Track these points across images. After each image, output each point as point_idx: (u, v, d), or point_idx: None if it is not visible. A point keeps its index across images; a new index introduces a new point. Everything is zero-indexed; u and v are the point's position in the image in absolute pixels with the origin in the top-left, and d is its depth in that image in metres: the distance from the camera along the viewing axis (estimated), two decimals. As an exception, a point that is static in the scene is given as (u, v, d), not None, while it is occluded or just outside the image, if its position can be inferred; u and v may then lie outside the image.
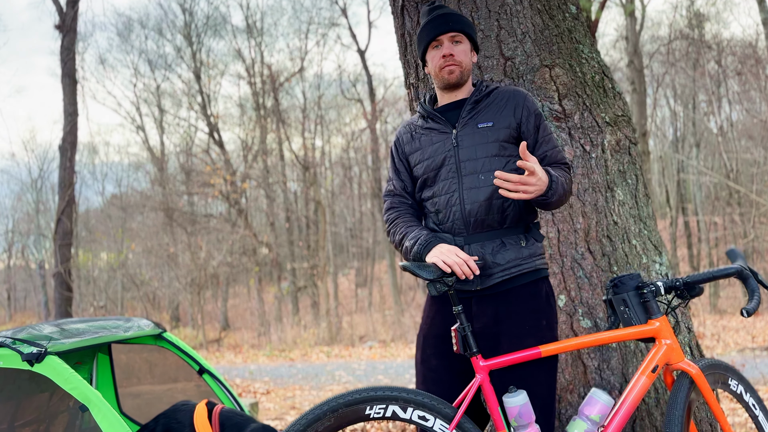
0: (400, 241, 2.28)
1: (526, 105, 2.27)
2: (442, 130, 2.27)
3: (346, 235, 30.15)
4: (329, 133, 25.49)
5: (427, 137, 2.30)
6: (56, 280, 12.66)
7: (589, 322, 2.90)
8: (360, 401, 2.02)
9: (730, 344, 10.58)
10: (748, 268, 2.27)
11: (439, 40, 2.27)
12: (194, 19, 23.71)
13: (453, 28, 2.26)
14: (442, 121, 2.28)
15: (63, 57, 13.00)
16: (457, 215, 2.19)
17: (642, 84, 17.22)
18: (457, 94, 2.31)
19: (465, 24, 2.30)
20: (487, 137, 2.21)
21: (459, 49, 2.26)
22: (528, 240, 2.22)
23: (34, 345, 2.44)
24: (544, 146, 2.25)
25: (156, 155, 25.27)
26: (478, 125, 2.23)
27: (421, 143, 2.31)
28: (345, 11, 22.77)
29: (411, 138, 2.35)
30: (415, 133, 2.35)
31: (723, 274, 2.25)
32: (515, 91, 2.30)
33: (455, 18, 2.28)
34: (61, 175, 12.91)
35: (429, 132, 2.31)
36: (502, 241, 2.19)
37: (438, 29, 2.27)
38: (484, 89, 2.30)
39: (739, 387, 2.36)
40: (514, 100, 2.27)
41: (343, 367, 10.75)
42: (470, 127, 2.24)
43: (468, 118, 2.25)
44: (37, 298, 30.46)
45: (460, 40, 2.27)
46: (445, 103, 2.33)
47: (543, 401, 2.17)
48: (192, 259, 19.27)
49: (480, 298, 2.19)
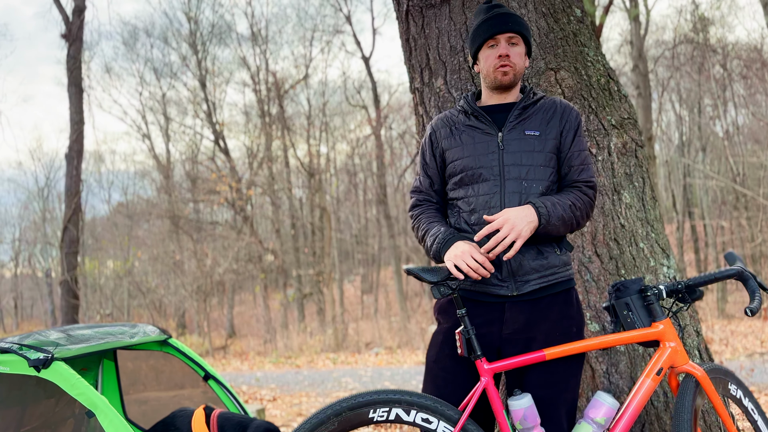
0: (422, 237, 2.27)
1: (570, 120, 2.25)
2: (487, 130, 2.23)
3: (352, 242, 30.15)
4: (334, 140, 25.54)
5: (468, 135, 2.26)
6: (63, 288, 12.69)
7: (596, 326, 2.89)
8: (363, 404, 2.01)
9: (738, 349, 10.52)
10: (747, 270, 2.28)
11: (496, 39, 2.23)
12: (199, 28, 23.84)
13: (512, 28, 2.22)
14: (488, 122, 2.24)
15: (69, 66, 13.06)
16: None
17: (647, 88, 17.20)
18: (506, 96, 2.28)
19: (523, 26, 2.26)
20: (534, 146, 2.19)
21: (515, 50, 2.23)
22: (561, 249, 2.23)
23: (41, 351, 2.45)
24: (572, 161, 2.24)
25: (162, 163, 25.35)
26: (525, 132, 2.21)
27: (462, 140, 2.26)
28: (349, 18, 22.84)
29: (450, 133, 2.30)
30: (454, 128, 2.30)
31: (724, 275, 2.26)
32: (562, 103, 2.29)
33: (514, 19, 2.24)
34: (68, 183, 12.95)
35: (471, 130, 2.26)
36: (539, 249, 2.18)
37: (496, 28, 2.22)
38: (532, 96, 2.28)
39: (739, 392, 2.36)
40: (560, 113, 2.25)
41: (350, 373, 10.73)
42: (517, 132, 2.21)
43: (515, 123, 2.22)
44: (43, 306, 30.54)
45: (516, 42, 2.24)
46: (492, 104, 2.29)
47: (571, 405, 2.18)
48: (198, 267, 19.30)
49: (513, 304, 2.18)
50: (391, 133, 24.64)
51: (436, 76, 3.16)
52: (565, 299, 2.22)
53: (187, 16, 23.74)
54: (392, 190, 25.00)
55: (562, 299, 2.21)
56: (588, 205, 2.23)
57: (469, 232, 2.21)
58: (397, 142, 25.01)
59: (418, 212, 2.34)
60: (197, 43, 23.63)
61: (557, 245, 2.23)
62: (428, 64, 3.19)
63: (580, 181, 2.24)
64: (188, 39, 23.85)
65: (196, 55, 23.58)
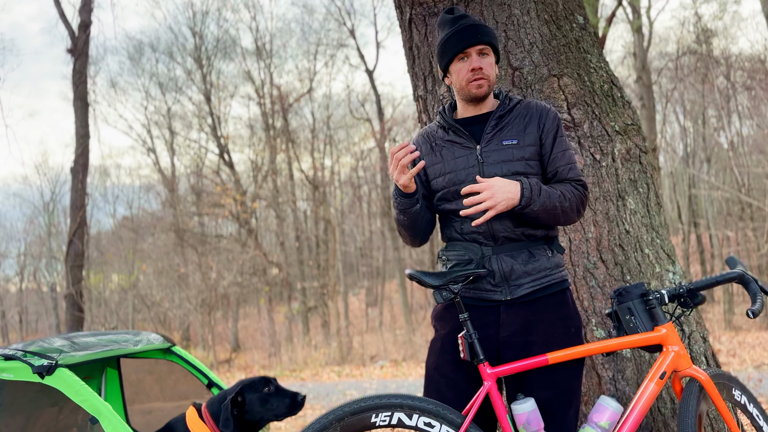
0: (396, 220, 2.31)
1: (547, 121, 2.24)
2: (466, 144, 2.24)
3: (356, 255, 30.11)
4: (338, 153, 25.59)
5: (449, 150, 2.26)
6: (68, 302, 12.71)
7: (602, 332, 2.88)
8: (365, 409, 2.00)
9: (746, 360, 10.45)
10: (748, 273, 2.28)
11: (467, 53, 2.21)
12: (204, 42, 23.98)
13: (481, 40, 2.20)
14: (466, 136, 2.24)
15: (75, 80, 13.16)
16: (483, 228, 2.18)
17: (651, 100, 17.21)
18: (481, 107, 2.27)
19: (492, 36, 2.24)
20: (513, 155, 2.19)
21: (486, 62, 2.21)
22: (553, 251, 2.23)
23: (45, 357, 2.45)
24: (556, 163, 2.23)
25: (167, 177, 25.42)
26: (503, 142, 2.20)
27: (442, 156, 2.27)
28: (353, 32, 22.97)
29: (431, 149, 2.30)
30: (435, 144, 2.30)
31: (725, 279, 2.26)
32: (538, 105, 2.28)
33: (482, 30, 2.22)
34: (73, 197, 13.00)
35: (451, 145, 2.26)
36: (530, 252, 2.18)
37: (466, 41, 2.19)
38: (508, 103, 2.27)
39: (743, 397, 2.36)
40: (537, 116, 2.24)
41: (355, 386, 10.68)
42: (495, 143, 2.21)
43: (492, 134, 2.22)
44: (48, 320, 30.55)
45: (487, 52, 2.22)
46: (468, 116, 2.28)
47: (575, 408, 2.17)
48: (202, 280, 19.31)
49: (509, 307, 2.18)
50: (395, 145, 24.67)
51: (439, 83, 3.18)
52: (560, 300, 2.22)
53: (192, 31, 23.91)
54: (396, 202, 24.94)
55: (556, 300, 2.21)
56: (579, 200, 2.21)
57: (462, 240, 2.23)
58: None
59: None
60: (202, 57, 23.77)
61: (548, 247, 2.23)
62: (431, 72, 3.21)
63: (570, 179, 2.23)
64: (193, 54, 24.00)
65: (201, 70, 23.71)
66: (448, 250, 2.27)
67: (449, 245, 2.28)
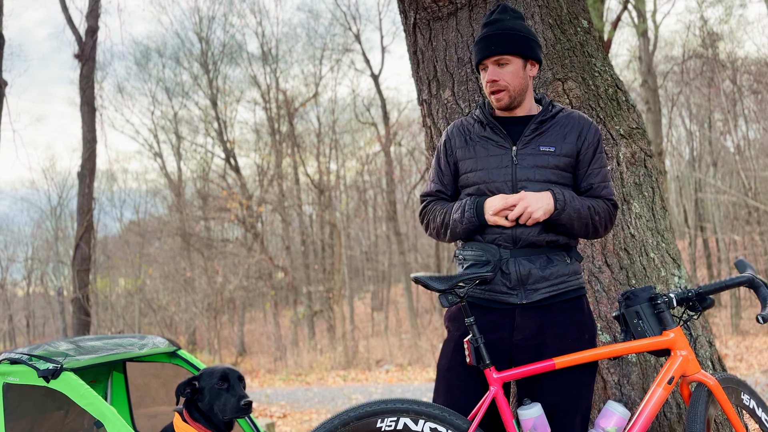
0: (443, 220, 2.25)
1: (589, 135, 2.22)
2: (501, 143, 2.21)
3: (362, 259, 30.10)
4: (344, 157, 25.61)
5: (482, 147, 2.23)
6: (74, 306, 12.75)
7: (608, 336, 2.86)
8: (371, 414, 2.00)
9: (753, 365, 10.38)
10: (758, 277, 2.26)
11: (484, 64, 2.20)
12: (211, 48, 24.06)
13: (496, 51, 2.16)
14: (503, 134, 2.21)
15: (82, 85, 13.22)
16: (506, 230, 2.16)
17: (656, 104, 17.16)
18: (516, 111, 2.24)
19: (515, 43, 2.16)
20: (548, 162, 2.17)
21: (506, 71, 2.17)
22: (571, 258, 2.22)
23: (51, 361, 2.45)
24: (591, 179, 2.23)
25: (173, 181, 25.50)
26: (540, 147, 2.18)
27: (476, 151, 2.24)
28: (358, 37, 22.98)
29: (465, 143, 2.27)
30: (469, 138, 2.27)
31: (734, 283, 2.24)
32: (580, 117, 2.26)
33: (501, 40, 2.16)
34: (80, 201, 13.05)
35: (486, 141, 2.23)
36: (548, 257, 2.18)
37: (482, 53, 2.19)
38: (551, 110, 2.24)
39: (752, 402, 2.34)
40: (578, 128, 2.22)
41: (360, 390, 10.66)
42: (531, 147, 2.18)
43: (531, 138, 2.19)
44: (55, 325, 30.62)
45: (506, 61, 2.17)
46: (504, 116, 2.26)
47: (584, 414, 2.17)
48: (209, 284, 19.34)
49: (524, 310, 2.17)
50: (401, 149, 24.67)
51: (443, 87, 3.18)
52: (576, 306, 2.21)
53: (198, 36, 24.00)
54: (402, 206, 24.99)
55: (572, 306, 2.20)
56: (608, 216, 2.21)
57: (481, 240, 2.21)
58: (407, 158, 25.05)
59: (432, 205, 2.32)
60: (208, 62, 23.85)
61: (567, 254, 2.22)
62: (436, 76, 3.21)
63: (602, 197, 2.23)
64: (200, 59, 24.08)
65: (208, 75, 23.79)
66: (466, 249, 2.24)
67: (467, 245, 2.25)
